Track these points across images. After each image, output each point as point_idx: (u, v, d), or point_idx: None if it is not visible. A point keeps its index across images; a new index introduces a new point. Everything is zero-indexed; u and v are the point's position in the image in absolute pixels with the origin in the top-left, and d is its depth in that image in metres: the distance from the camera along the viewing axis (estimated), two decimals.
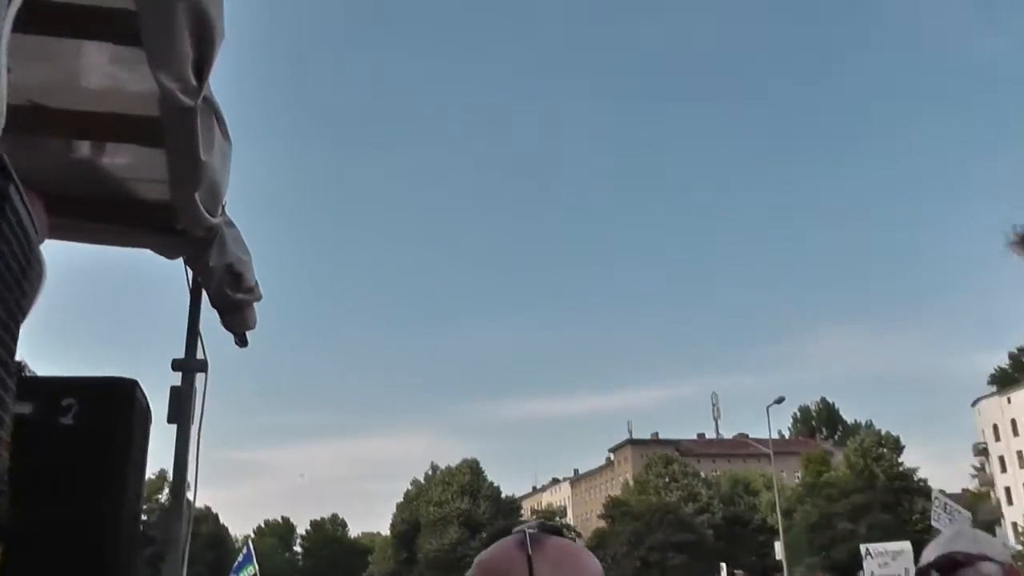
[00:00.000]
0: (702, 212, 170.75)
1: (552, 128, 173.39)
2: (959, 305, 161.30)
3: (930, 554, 2.68)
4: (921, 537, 36.68)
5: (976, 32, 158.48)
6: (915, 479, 76.06)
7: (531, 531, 1.29)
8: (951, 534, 2.78)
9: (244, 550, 19.59)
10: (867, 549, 28.86)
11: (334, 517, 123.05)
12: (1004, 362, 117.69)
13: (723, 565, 66.93)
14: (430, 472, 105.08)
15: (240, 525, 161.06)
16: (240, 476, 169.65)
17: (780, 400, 56.37)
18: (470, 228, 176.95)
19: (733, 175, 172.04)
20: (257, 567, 18.51)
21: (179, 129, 2.35)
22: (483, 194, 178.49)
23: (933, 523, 21.17)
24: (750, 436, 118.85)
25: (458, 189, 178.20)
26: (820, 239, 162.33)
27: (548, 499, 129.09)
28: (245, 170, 3.30)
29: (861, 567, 30.15)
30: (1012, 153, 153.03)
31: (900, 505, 70.70)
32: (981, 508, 71.01)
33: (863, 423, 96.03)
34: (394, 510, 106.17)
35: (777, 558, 57.45)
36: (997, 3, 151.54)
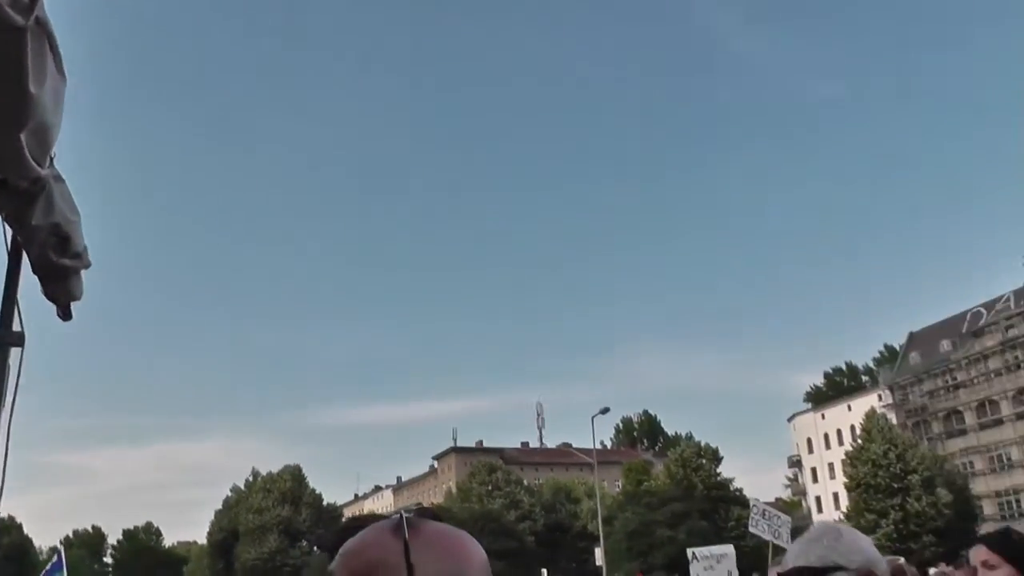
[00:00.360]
0: (535, 226, 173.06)
1: (395, 128, 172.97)
2: (781, 328, 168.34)
3: (788, 561, 2.48)
4: (737, 543, 37.70)
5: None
6: (731, 488, 78.44)
7: (408, 515, 1.18)
8: (808, 540, 2.50)
9: (54, 558, 18.53)
10: (693, 553, 29.41)
11: (148, 526, 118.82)
12: (820, 381, 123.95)
13: (544, 571, 67.59)
14: (251, 478, 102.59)
15: (46, 535, 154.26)
16: (47, 481, 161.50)
17: (605, 410, 57.28)
18: (306, 232, 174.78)
19: (570, 188, 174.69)
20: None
21: (4, 51, 1.97)
22: (319, 196, 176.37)
23: (751, 529, 21.74)
24: (573, 446, 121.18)
25: (294, 189, 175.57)
26: (649, 257, 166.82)
27: (370, 506, 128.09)
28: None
29: (679, 571, 30.74)
30: (821, 181, 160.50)
31: (717, 512, 72.84)
32: (793, 515, 73.66)
33: (683, 435, 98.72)
34: (212, 518, 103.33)
35: (597, 564, 58.31)
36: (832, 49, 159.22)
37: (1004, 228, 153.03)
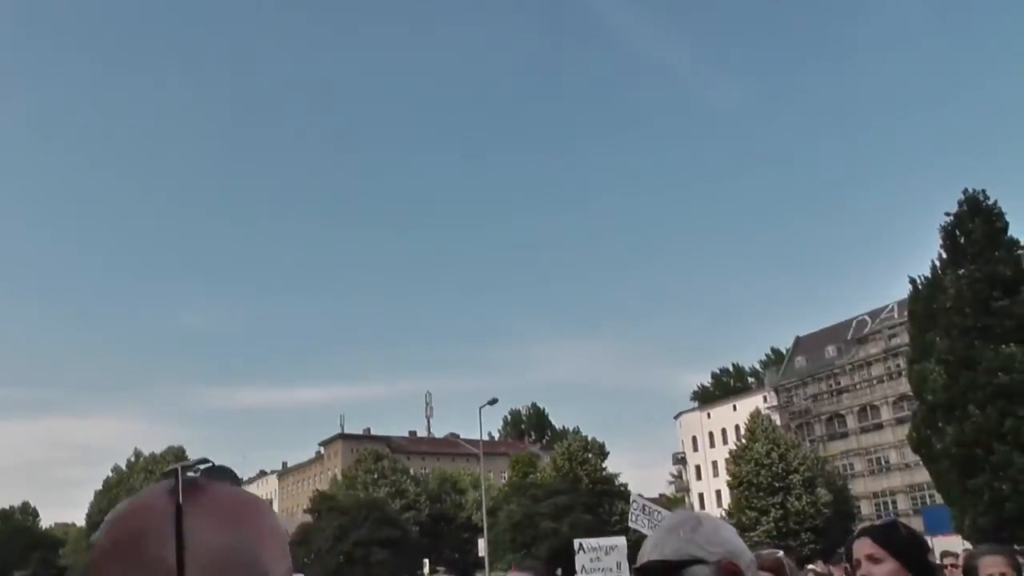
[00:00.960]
0: (430, 211, 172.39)
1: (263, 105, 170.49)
2: (672, 328, 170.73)
3: (643, 553, 2.15)
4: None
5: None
6: (617, 483, 78.82)
7: (192, 474, 0.95)
8: (664, 530, 2.20)
9: None
10: (580, 544, 28.88)
11: (25, 506, 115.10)
12: (708, 381, 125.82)
13: (426, 561, 67.03)
14: (133, 459, 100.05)
15: None
16: None
17: (493, 401, 56.87)
18: (200, 204, 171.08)
19: (465, 176, 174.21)
20: None
21: None
22: (207, 163, 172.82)
23: (630, 524, 21.41)
24: (461, 436, 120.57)
25: (173, 159, 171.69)
26: (542, 250, 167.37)
27: (255, 491, 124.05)
28: None
29: (562, 564, 30.28)
30: (709, 183, 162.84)
31: (601, 506, 73.05)
32: (676, 511, 74.58)
33: (571, 429, 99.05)
34: (92, 499, 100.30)
35: (480, 555, 57.96)
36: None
37: (891, 240, 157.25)
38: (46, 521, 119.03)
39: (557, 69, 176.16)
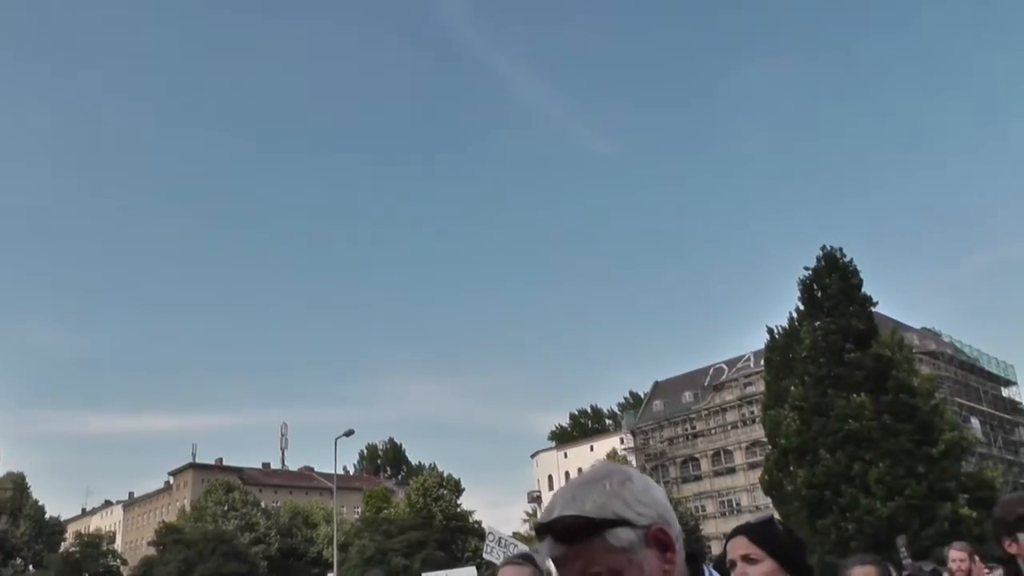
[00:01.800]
0: (293, 237, 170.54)
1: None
2: (533, 369, 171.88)
3: (553, 508, 1.72)
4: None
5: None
6: (471, 520, 78.46)
7: None
8: (584, 482, 1.75)
9: None
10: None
11: None
12: (566, 422, 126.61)
13: None
14: None
15: None
16: None
17: (349, 433, 55.71)
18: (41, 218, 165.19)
19: (332, 200, 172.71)
20: None
21: None
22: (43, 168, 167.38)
23: (485, 555, 21.15)
24: (316, 469, 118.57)
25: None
26: (405, 286, 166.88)
27: (98, 523, 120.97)
28: None
29: None
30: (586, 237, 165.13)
31: (455, 543, 72.61)
32: (531, 548, 74.65)
33: (427, 465, 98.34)
34: None
35: None
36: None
37: (749, 293, 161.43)
38: None
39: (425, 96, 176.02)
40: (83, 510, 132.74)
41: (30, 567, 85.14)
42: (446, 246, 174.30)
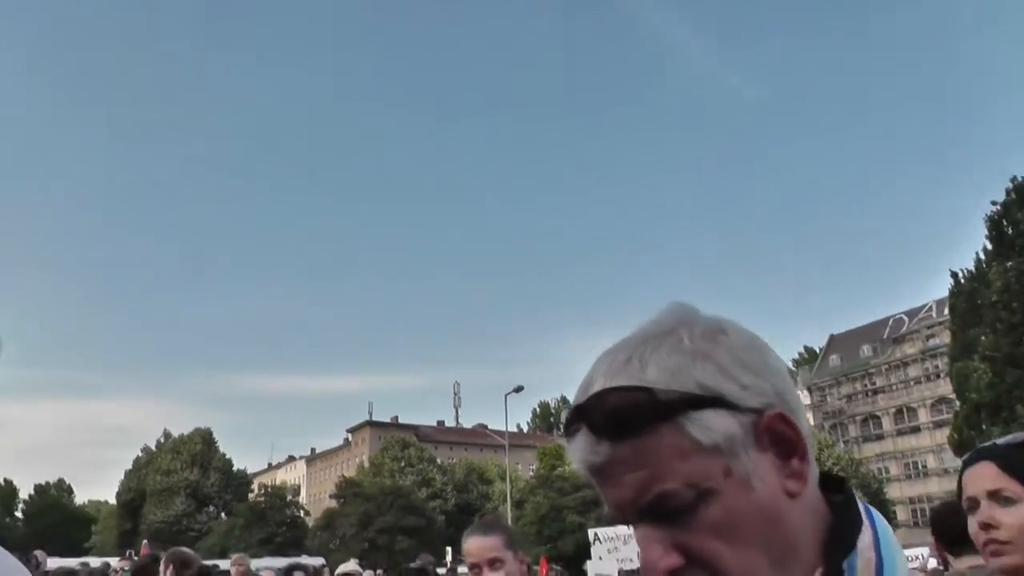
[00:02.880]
0: (464, 203, 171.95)
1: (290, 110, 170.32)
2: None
3: (592, 379, 1.20)
4: None
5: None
6: None
7: None
8: (650, 336, 0.96)
9: None
10: (595, 534, 27.65)
11: (60, 482, 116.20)
12: None
13: (448, 550, 66.21)
14: (162, 440, 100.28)
15: None
16: None
17: (519, 389, 55.68)
18: (231, 194, 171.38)
19: (497, 164, 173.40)
20: None
21: None
22: (233, 155, 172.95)
23: None
24: (489, 427, 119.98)
25: (217, 149, 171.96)
26: (574, 243, 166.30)
27: (283, 476, 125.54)
28: None
29: (587, 559, 29.29)
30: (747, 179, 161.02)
31: None
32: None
33: None
34: (122, 477, 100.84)
35: None
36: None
37: (929, 239, 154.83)
38: (80, 498, 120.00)
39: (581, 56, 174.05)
40: (269, 464, 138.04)
41: (222, 515, 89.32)
42: (606, 203, 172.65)
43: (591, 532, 28.17)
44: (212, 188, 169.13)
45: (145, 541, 23.49)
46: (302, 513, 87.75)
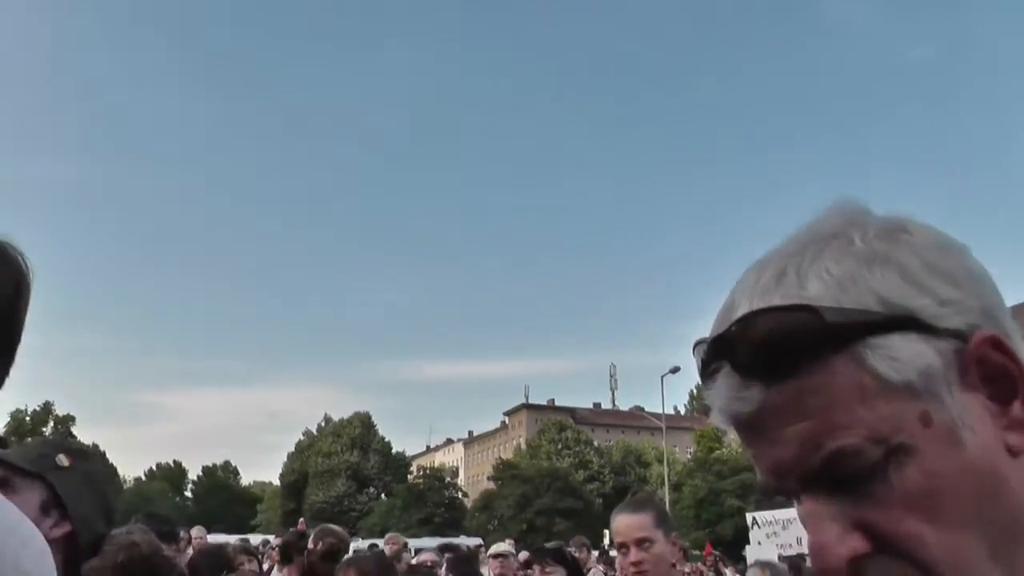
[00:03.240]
0: (620, 190, 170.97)
1: (469, 84, 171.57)
2: None
3: (741, 295, 1.03)
4: None
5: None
6: None
7: None
8: (810, 240, 0.80)
9: None
10: (754, 518, 26.83)
11: (226, 464, 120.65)
12: None
13: (606, 532, 66.13)
14: (323, 423, 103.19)
15: (132, 466, 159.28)
16: (134, 418, 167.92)
17: (675, 370, 54.84)
18: (386, 178, 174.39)
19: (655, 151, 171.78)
20: None
21: None
22: (399, 143, 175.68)
23: None
24: (646, 409, 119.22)
25: (368, 141, 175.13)
26: (716, 217, 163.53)
27: (441, 459, 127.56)
28: None
29: (747, 540, 28.63)
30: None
31: None
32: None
33: None
34: (285, 460, 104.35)
35: None
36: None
37: None
38: (245, 479, 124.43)
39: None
40: (427, 447, 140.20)
41: (381, 496, 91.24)
42: (769, 172, 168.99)
43: (749, 516, 27.37)
44: (368, 179, 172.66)
45: (301, 520, 24.03)
46: (460, 494, 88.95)
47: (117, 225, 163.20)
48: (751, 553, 27.21)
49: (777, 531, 24.00)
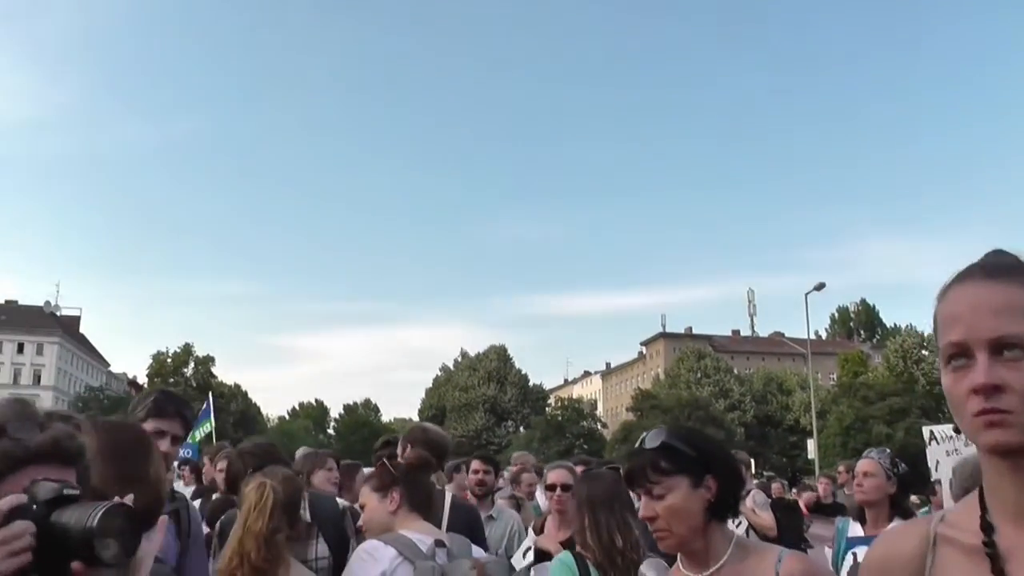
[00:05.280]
0: (750, 113, 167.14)
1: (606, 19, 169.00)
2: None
3: None
4: None
5: None
6: None
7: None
8: None
9: (204, 406, 17.56)
10: (931, 432, 25.03)
11: (367, 401, 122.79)
12: None
13: (752, 462, 64.90)
14: (459, 358, 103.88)
15: (273, 406, 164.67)
16: (275, 360, 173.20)
17: (820, 286, 52.11)
18: (513, 120, 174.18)
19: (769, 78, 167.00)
20: (214, 424, 16.55)
21: None
22: (524, 87, 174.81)
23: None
24: (786, 335, 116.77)
25: (496, 77, 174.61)
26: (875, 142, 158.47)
27: (579, 391, 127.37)
28: None
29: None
30: None
31: (940, 411, 67.64)
32: None
33: (904, 327, 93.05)
34: (423, 396, 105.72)
35: (809, 458, 55.16)
36: None
37: None
38: (385, 416, 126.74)
39: None
40: (565, 380, 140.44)
41: (520, 429, 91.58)
42: (915, 79, 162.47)
43: (926, 430, 25.80)
44: (504, 113, 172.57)
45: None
46: (599, 426, 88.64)
47: (252, 176, 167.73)
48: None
49: (959, 447, 22.36)
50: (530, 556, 5.16)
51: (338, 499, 4.93)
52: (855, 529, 5.84)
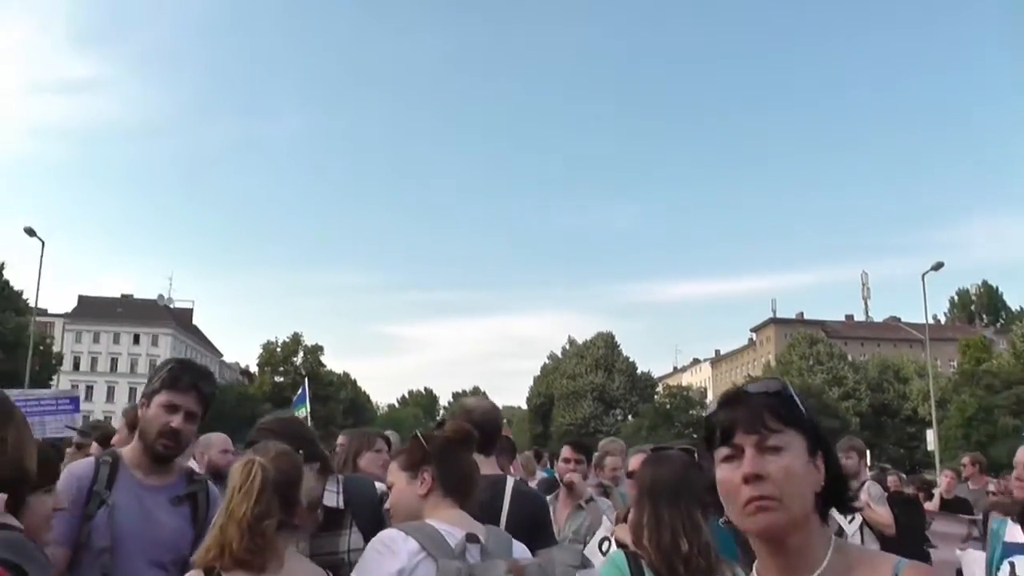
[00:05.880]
0: (857, 92, 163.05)
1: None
2: None
3: None
4: None
5: None
6: None
7: None
8: None
9: (299, 390, 17.26)
10: None
11: (475, 389, 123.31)
12: None
13: (867, 453, 62.54)
14: (567, 346, 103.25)
15: (383, 395, 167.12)
16: (383, 349, 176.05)
17: (938, 266, 49.16)
18: (622, 106, 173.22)
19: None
20: (309, 408, 16.14)
21: None
22: (632, 74, 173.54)
23: None
24: (902, 320, 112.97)
25: (608, 64, 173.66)
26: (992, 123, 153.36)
27: (688, 379, 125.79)
28: None
29: None
30: None
31: None
32: None
33: None
34: (531, 383, 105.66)
35: (929, 449, 52.65)
36: None
37: None
38: None
39: None
40: (674, 368, 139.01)
41: (628, 417, 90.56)
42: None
43: None
44: (608, 98, 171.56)
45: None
46: None
47: (358, 169, 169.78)
48: None
49: None
50: (608, 547, 4.48)
51: (377, 483, 4.02)
52: (1015, 533, 4.83)
